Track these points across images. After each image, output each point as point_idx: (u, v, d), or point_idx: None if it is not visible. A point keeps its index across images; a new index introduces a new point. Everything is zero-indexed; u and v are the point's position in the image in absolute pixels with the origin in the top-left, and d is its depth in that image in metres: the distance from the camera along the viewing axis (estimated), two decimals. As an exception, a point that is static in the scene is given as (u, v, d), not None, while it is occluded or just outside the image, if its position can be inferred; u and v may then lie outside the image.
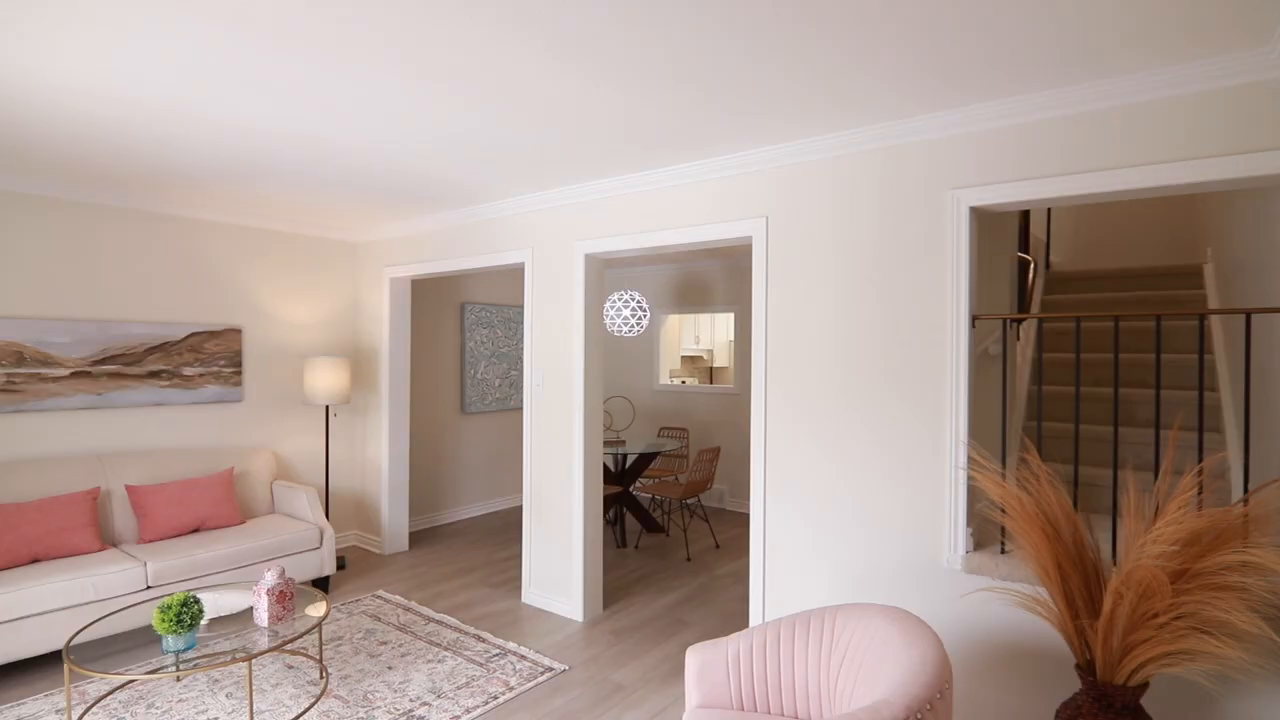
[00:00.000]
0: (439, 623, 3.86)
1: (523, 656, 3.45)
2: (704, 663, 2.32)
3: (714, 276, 6.83)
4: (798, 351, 3.10)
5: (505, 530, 5.87)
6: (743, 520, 6.30)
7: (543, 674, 3.27)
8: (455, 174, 3.65)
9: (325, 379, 4.78)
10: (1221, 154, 2.22)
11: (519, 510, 6.58)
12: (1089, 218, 5.66)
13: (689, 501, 6.91)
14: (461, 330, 6.27)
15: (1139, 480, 3.31)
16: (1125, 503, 2.16)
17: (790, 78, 2.37)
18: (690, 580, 4.65)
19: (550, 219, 4.10)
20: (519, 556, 5.13)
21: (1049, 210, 4.99)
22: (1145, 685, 2.04)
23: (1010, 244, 3.74)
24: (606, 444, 5.33)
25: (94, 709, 2.92)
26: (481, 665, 3.35)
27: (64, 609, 3.25)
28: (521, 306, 6.81)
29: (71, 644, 2.57)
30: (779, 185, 3.16)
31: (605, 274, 3.96)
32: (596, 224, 3.86)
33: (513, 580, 4.62)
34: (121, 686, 3.10)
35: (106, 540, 3.89)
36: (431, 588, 4.48)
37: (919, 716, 1.67)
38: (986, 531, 2.86)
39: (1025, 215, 4.28)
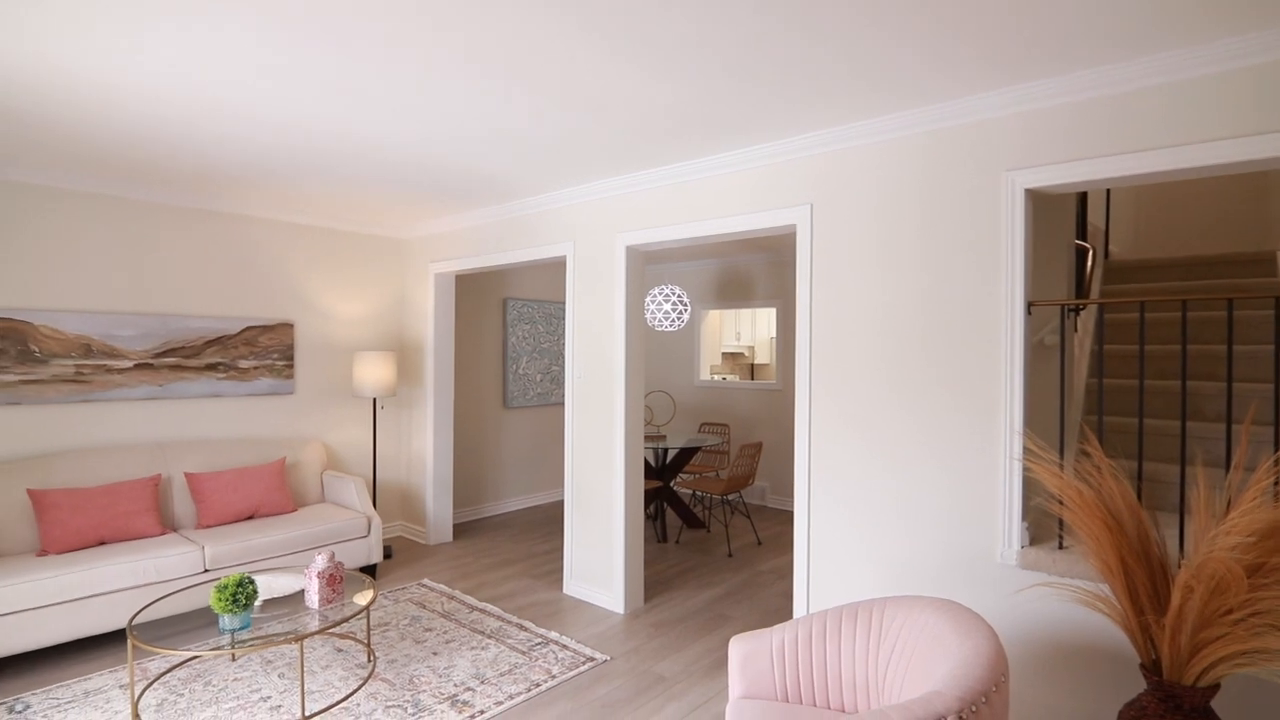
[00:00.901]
0: (482, 611, 3.90)
1: (564, 646, 3.47)
2: (748, 653, 2.29)
3: (756, 270, 6.76)
4: (843, 342, 3.04)
5: (546, 524, 5.91)
6: (785, 517, 6.22)
7: (584, 663, 3.28)
8: (500, 169, 3.68)
9: (373, 372, 4.89)
10: (1301, 126, 2.09)
11: (559, 505, 6.62)
12: (1150, 204, 5.42)
13: (730, 497, 6.85)
14: (504, 326, 6.34)
15: (1208, 476, 3.15)
16: (1194, 498, 2.06)
17: (836, 60, 2.32)
18: (732, 576, 4.61)
19: (591, 212, 4.11)
20: (560, 549, 5.16)
21: (1108, 196, 4.79)
22: (1216, 686, 1.93)
23: (1067, 231, 3.60)
24: (647, 439, 5.32)
25: (154, 685, 3.04)
26: (524, 653, 3.37)
27: (128, 589, 3.39)
28: (562, 302, 6.85)
29: (134, 623, 2.67)
30: (824, 172, 3.10)
31: (646, 267, 3.95)
32: (637, 216, 3.86)
33: (554, 572, 4.65)
34: (180, 664, 3.21)
35: (167, 525, 4.04)
36: (475, 578, 4.53)
37: (973, 709, 1.61)
38: (1042, 528, 2.76)
39: (1082, 202, 4.12)
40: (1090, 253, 3.97)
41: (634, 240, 3.86)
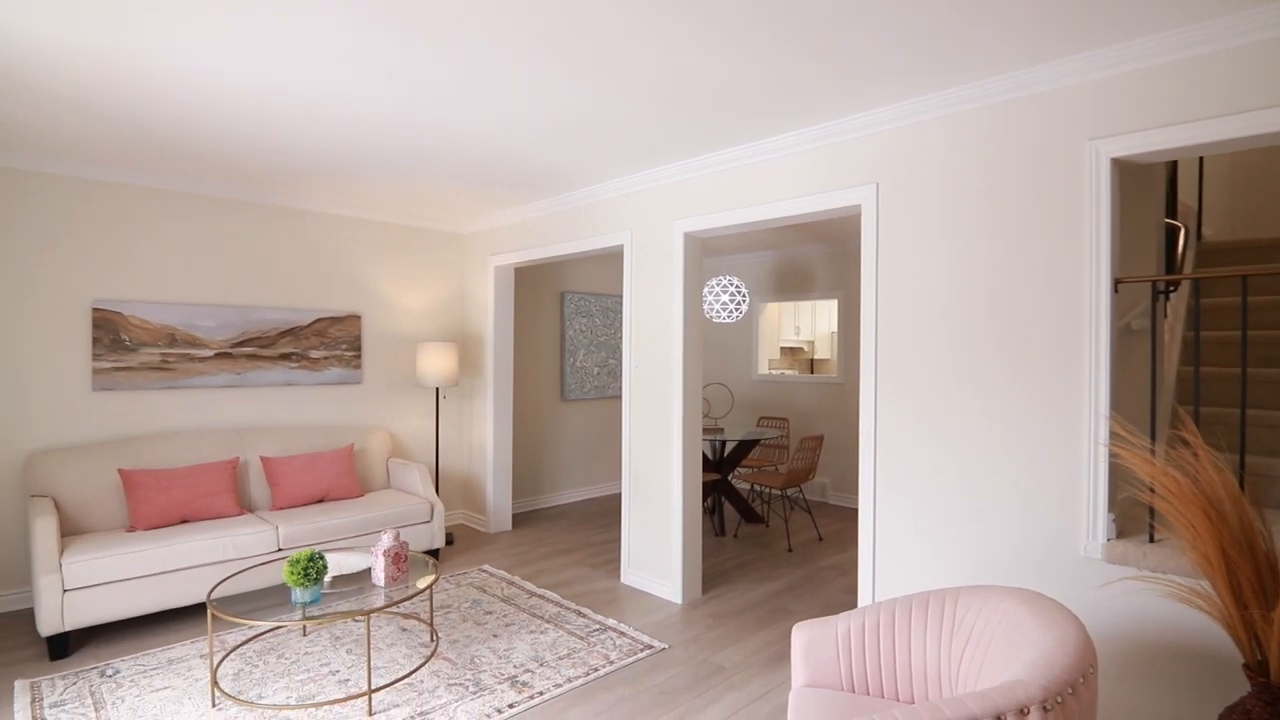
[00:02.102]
0: (541, 597, 3.93)
1: (622, 633, 3.45)
2: (812, 640, 2.22)
3: (816, 262, 6.62)
4: (910, 326, 2.93)
5: (603, 515, 5.93)
6: (847, 514, 6.06)
7: (642, 651, 3.26)
8: (559, 158, 3.70)
9: (435, 362, 4.99)
10: None
11: (615, 498, 6.63)
12: (1248, 182, 5.04)
13: (790, 492, 6.72)
14: (561, 319, 6.39)
15: (1318, 470, 2.89)
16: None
17: (902, 31, 2.22)
18: (792, 571, 4.51)
19: (648, 200, 4.09)
20: (617, 540, 5.16)
21: (1200, 174, 4.47)
22: (1336, 691, 1.76)
23: (1156, 210, 3.38)
24: (704, 431, 5.27)
25: (231, 656, 3.17)
26: (582, 639, 3.38)
27: (208, 565, 3.55)
28: (619, 296, 6.86)
29: (212, 596, 2.79)
30: (890, 150, 2.99)
31: (703, 254, 3.89)
32: (695, 202, 3.81)
33: (611, 562, 4.65)
34: (255, 637, 3.35)
35: (244, 505, 4.22)
36: (533, 565, 4.57)
37: (1059, 699, 1.51)
38: (1128, 520, 2.59)
39: (1172, 180, 3.86)
40: (1182, 232, 3.71)
41: (692, 227, 3.82)
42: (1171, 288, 3.66)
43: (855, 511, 6.16)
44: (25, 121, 3.17)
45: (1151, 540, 2.36)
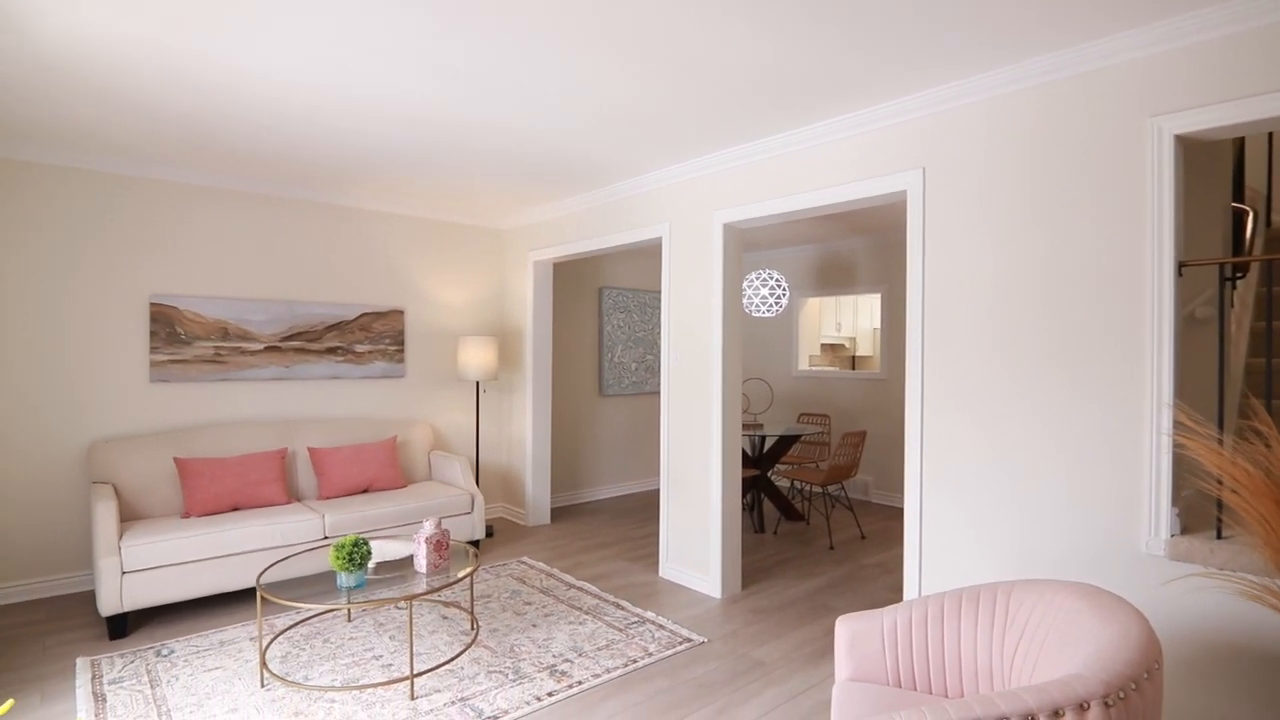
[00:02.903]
0: (579, 589, 3.93)
1: (661, 626, 3.43)
2: (856, 633, 2.16)
3: (859, 255, 6.49)
4: (958, 314, 2.84)
5: (641, 511, 5.91)
6: (890, 513, 5.93)
7: (681, 644, 3.23)
8: (598, 150, 3.70)
9: (476, 356, 5.05)
10: None
11: (653, 494, 6.61)
12: (1323, 170, 4.76)
13: (831, 488, 6.61)
14: (599, 314, 6.40)
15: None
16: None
17: (949, 6, 2.16)
18: (834, 568, 4.43)
19: (687, 191, 4.06)
20: (655, 535, 5.14)
21: (1269, 156, 4.24)
22: None
23: (1222, 194, 3.22)
24: (743, 427, 5.21)
25: (279, 639, 3.25)
26: (621, 631, 3.37)
27: (257, 551, 3.65)
28: (657, 291, 6.84)
29: (261, 580, 2.87)
30: (937, 132, 2.91)
31: (743, 248, 3.84)
32: (734, 192, 3.77)
33: (649, 556, 4.63)
34: (302, 621, 3.42)
35: (292, 494, 4.33)
36: (572, 558, 4.59)
37: (1121, 695, 1.44)
38: (1193, 515, 2.46)
39: (1239, 164, 3.67)
40: (1250, 217, 3.53)
41: (731, 217, 3.78)
42: (1239, 273, 3.48)
43: (899, 510, 6.03)
44: (91, 122, 3.30)
45: (1219, 536, 2.24)
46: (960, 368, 2.83)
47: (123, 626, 3.29)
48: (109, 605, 3.22)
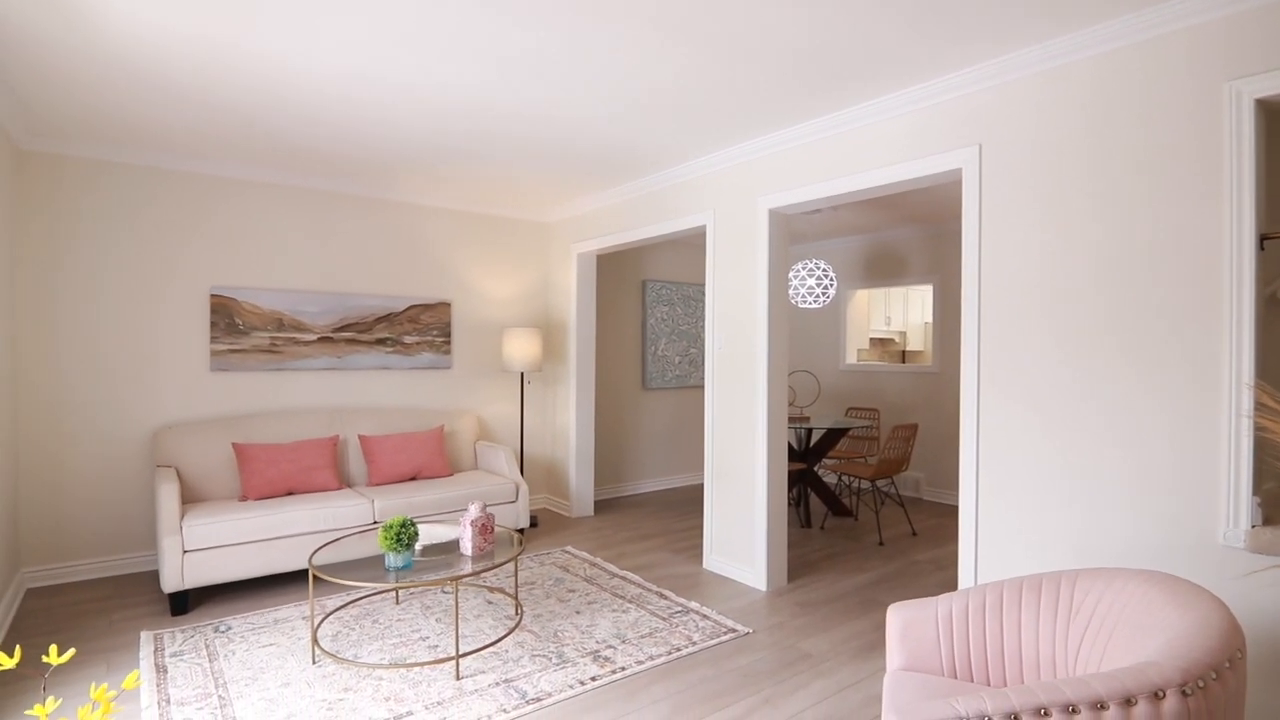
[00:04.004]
0: (623, 578, 3.92)
1: (705, 616, 3.39)
2: (909, 621, 2.09)
3: (909, 245, 6.32)
4: (1015, 296, 2.72)
5: (684, 504, 5.87)
6: (943, 511, 5.75)
7: (725, 634, 3.18)
8: (642, 137, 3.67)
9: (520, 347, 5.09)
10: None
11: (696, 488, 6.55)
12: None
13: (881, 484, 6.45)
14: (643, 307, 6.39)
15: None
16: None
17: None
18: (883, 564, 4.31)
19: (731, 177, 4.01)
20: (698, 528, 5.09)
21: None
22: None
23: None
24: (790, 420, 5.12)
25: (330, 619, 3.32)
26: (664, 620, 3.34)
27: (310, 534, 3.74)
28: (700, 284, 6.79)
29: (312, 561, 2.93)
30: (994, 107, 2.79)
31: (789, 236, 3.76)
32: (779, 177, 3.70)
33: (693, 548, 4.59)
34: (352, 602, 3.49)
35: (343, 480, 4.43)
36: (615, 548, 4.58)
37: (1200, 684, 1.35)
38: (1273, 506, 2.30)
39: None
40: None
41: (777, 203, 3.71)
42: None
43: (951, 508, 5.84)
44: (153, 120, 3.43)
45: (1307, 528, 2.09)
46: (1017, 354, 2.71)
47: (184, 604, 3.42)
48: (171, 582, 3.34)
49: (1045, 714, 1.37)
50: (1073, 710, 1.36)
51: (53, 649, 1.11)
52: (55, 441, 3.86)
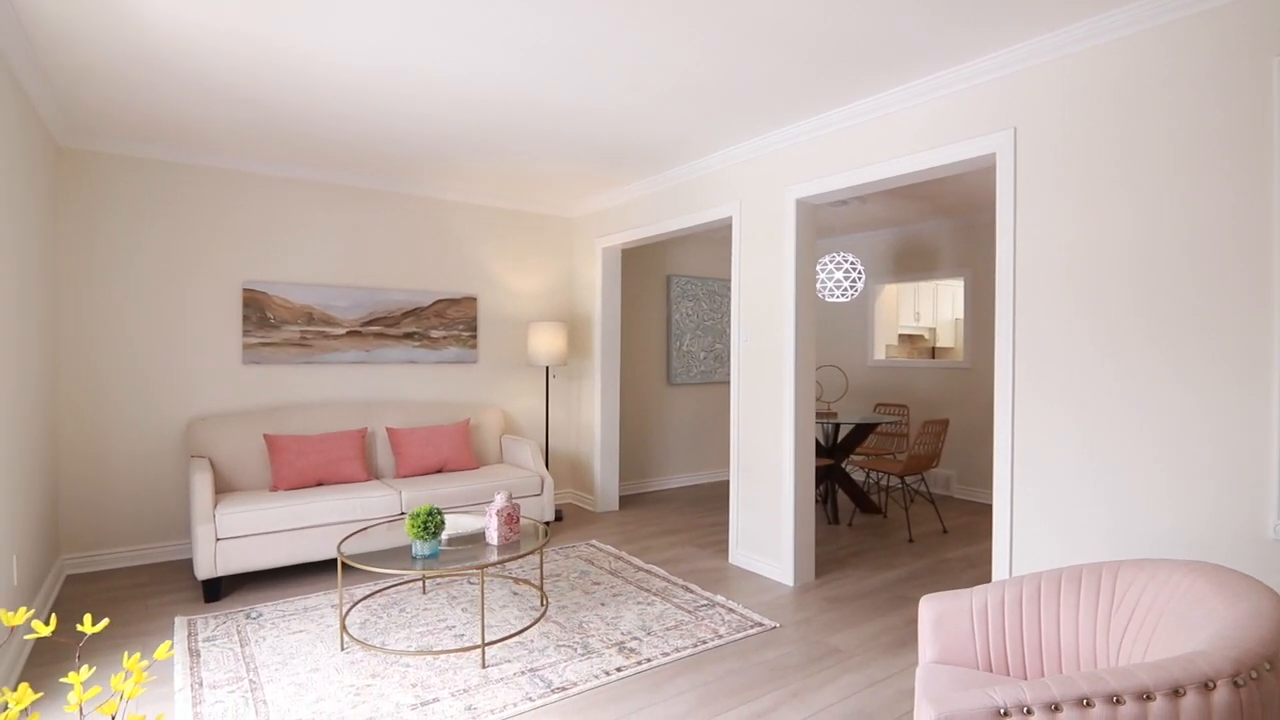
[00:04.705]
0: (648, 572, 3.90)
1: (731, 609, 3.36)
2: (942, 613, 2.04)
3: (940, 238, 6.21)
4: (1054, 285, 2.64)
5: (709, 501, 5.83)
6: (975, 509, 5.63)
7: (752, 628, 3.15)
8: (667, 128, 3.65)
9: (546, 341, 5.10)
10: None
11: (720, 485, 6.51)
12: None
13: (910, 480, 6.34)
14: (667, 302, 6.36)
15: None
16: None
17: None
18: (913, 561, 4.23)
19: (757, 168, 3.97)
20: (723, 524, 5.05)
21: None
22: None
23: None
24: (817, 415, 5.06)
25: (358, 606, 3.35)
26: (690, 613, 3.31)
27: (339, 524, 3.78)
28: (726, 279, 6.74)
29: (341, 549, 2.95)
30: (1029, 89, 2.72)
31: (816, 229, 3.70)
32: (807, 167, 3.65)
33: (718, 543, 4.55)
34: (379, 591, 3.53)
35: (371, 472, 4.48)
36: (640, 542, 4.56)
37: (1253, 674, 1.29)
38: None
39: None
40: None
41: (804, 192, 3.66)
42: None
43: (983, 506, 5.72)
44: (187, 116, 3.49)
45: (1365, 521, 2.00)
46: (1053, 347, 2.64)
47: (216, 590, 3.47)
48: (204, 569, 3.40)
49: (1088, 704, 1.32)
50: (1117, 701, 1.31)
51: (87, 617, 1.12)
52: (94, 432, 3.96)
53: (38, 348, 3.34)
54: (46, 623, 3.16)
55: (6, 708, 1.02)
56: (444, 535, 3.14)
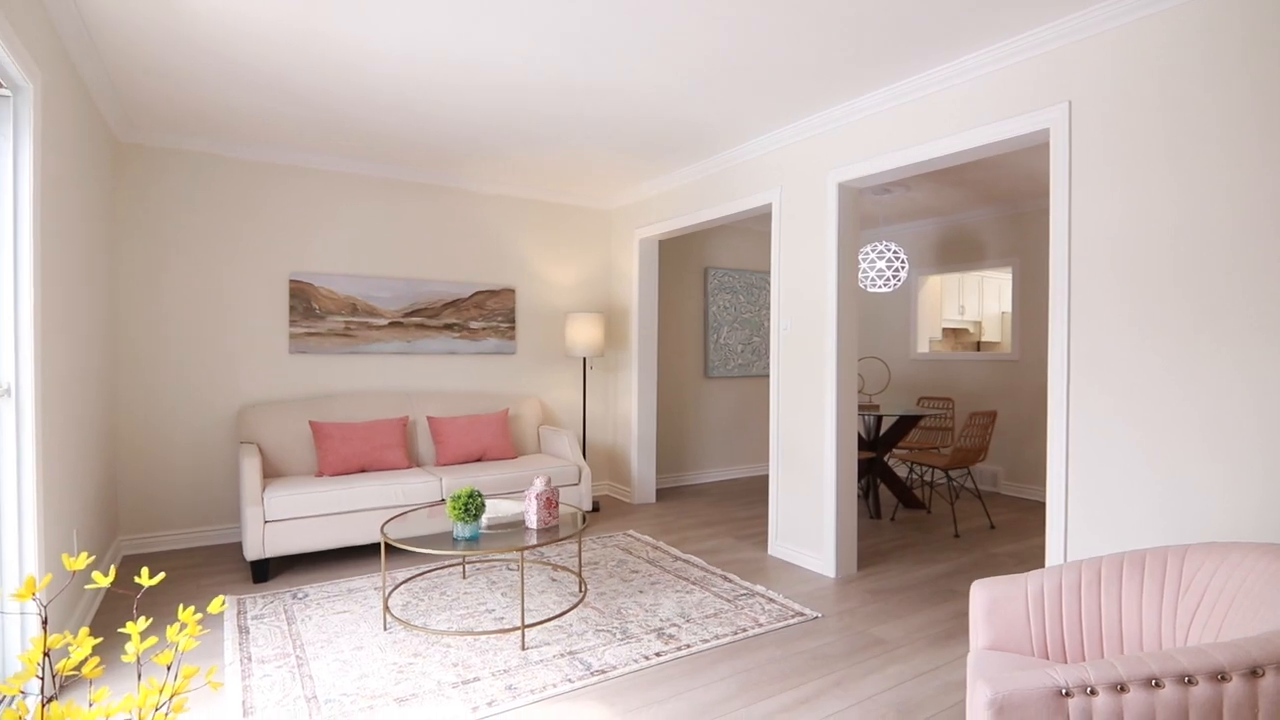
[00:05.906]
0: (686, 561, 3.87)
1: (771, 599, 3.31)
2: (996, 598, 1.97)
3: (986, 227, 6.04)
4: (1111, 271, 2.53)
5: (747, 494, 5.77)
6: (1023, 505, 5.46)
7: (793, 617, 3.09)
8: (706, 113, 3.61)
9: (583, 332, 5.10)
10: None
11: (759, 479, 6.43)
12: None
13: (955, 475, 6.17)
14: (705, 295, 6.32)
15: None
16: None
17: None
18: (959, 556, 4.12)
19: (798, 153, 3.90)
20: (762, 517, 4.99)
21: None
22: None
23: None
24: (859, 408, 4.96)
25: (400, 589, 3.40)
26: (729, 601, 3.27)
27: (382, 509, 3.84)
28: (764, 271, 6.67)
29: (384, 530, 2.99)
30: (1088, 59, 2.61)
31: (859, 216, 3.60)
32: (849, 149, 3.58)
33: (757, 535, 4.50)
34: (421, 575, 3.57)
35: (412, 460, 4.54)
36: (678, 533, 4.53)
37: (1345, 657, 1.20)
38: None
39: None
40: None
41: (847, 176, 3.59)
42: None
43: (1033, 503, 5.54)
44: (238, 110, 3.59)
45: None
46: (1107, 333, 2.53)
47: (264, 572, 3.56)
48: (253, 550, 3.49)
49: (1157, 685, 1.26)
50: (1189, 681, 1.24)
51: (144, 570, 1.15)
52: (149, 418, 4.09)
53: (99, 339, 3.46)
54: (106, 621, 3.27)
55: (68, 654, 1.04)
56: (484, 519, 3.16)
